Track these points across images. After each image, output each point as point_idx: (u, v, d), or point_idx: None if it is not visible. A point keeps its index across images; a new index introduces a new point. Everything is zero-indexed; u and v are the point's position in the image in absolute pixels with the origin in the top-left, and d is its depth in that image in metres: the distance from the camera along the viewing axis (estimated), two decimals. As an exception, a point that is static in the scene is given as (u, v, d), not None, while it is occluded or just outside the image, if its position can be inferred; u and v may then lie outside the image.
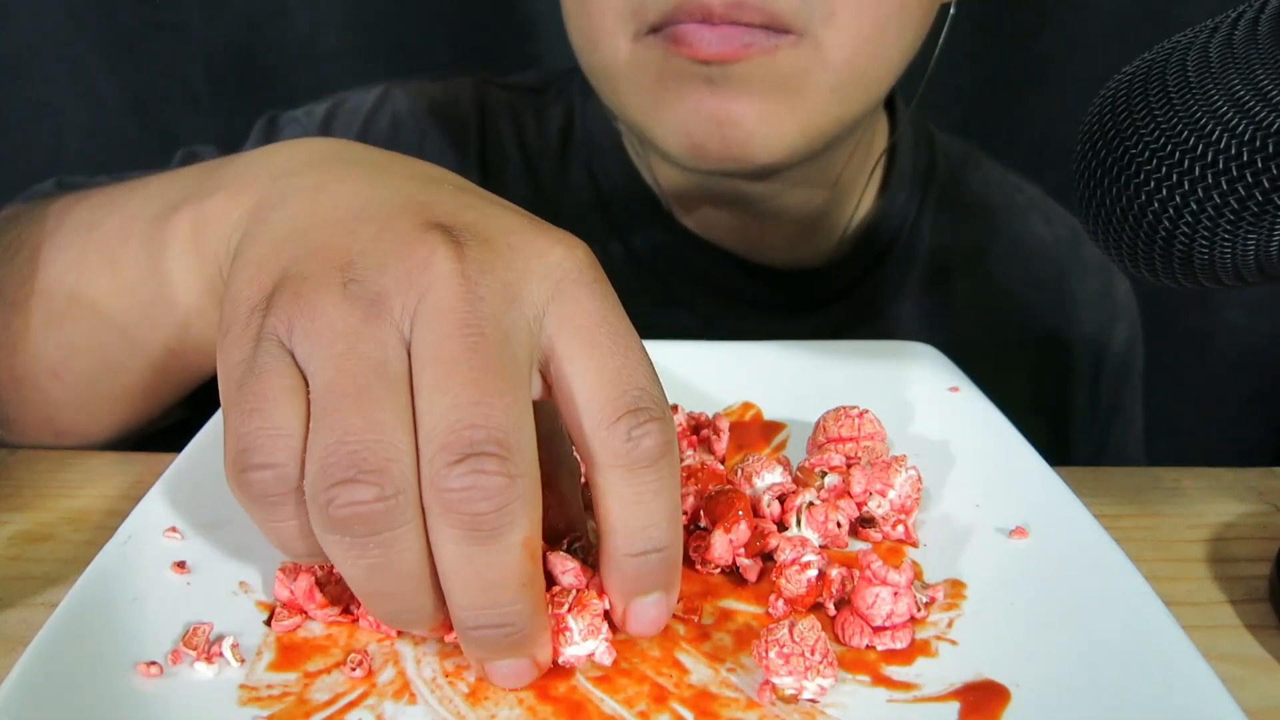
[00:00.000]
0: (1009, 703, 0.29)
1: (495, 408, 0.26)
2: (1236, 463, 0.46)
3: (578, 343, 0.29)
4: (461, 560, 0.26)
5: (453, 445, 0.26)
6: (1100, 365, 0.71)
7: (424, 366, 0.27)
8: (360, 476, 0.26)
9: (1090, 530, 0.35)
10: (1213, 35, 0.32)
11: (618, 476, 0.28)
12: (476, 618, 0.27)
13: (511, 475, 0.26)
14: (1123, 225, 0.34)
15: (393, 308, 0.28)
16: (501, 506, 0.26)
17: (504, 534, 0.26)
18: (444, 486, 0.26)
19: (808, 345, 0.49)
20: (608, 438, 0.28)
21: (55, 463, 0.44)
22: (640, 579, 0.29)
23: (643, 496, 0.28)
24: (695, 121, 0.49)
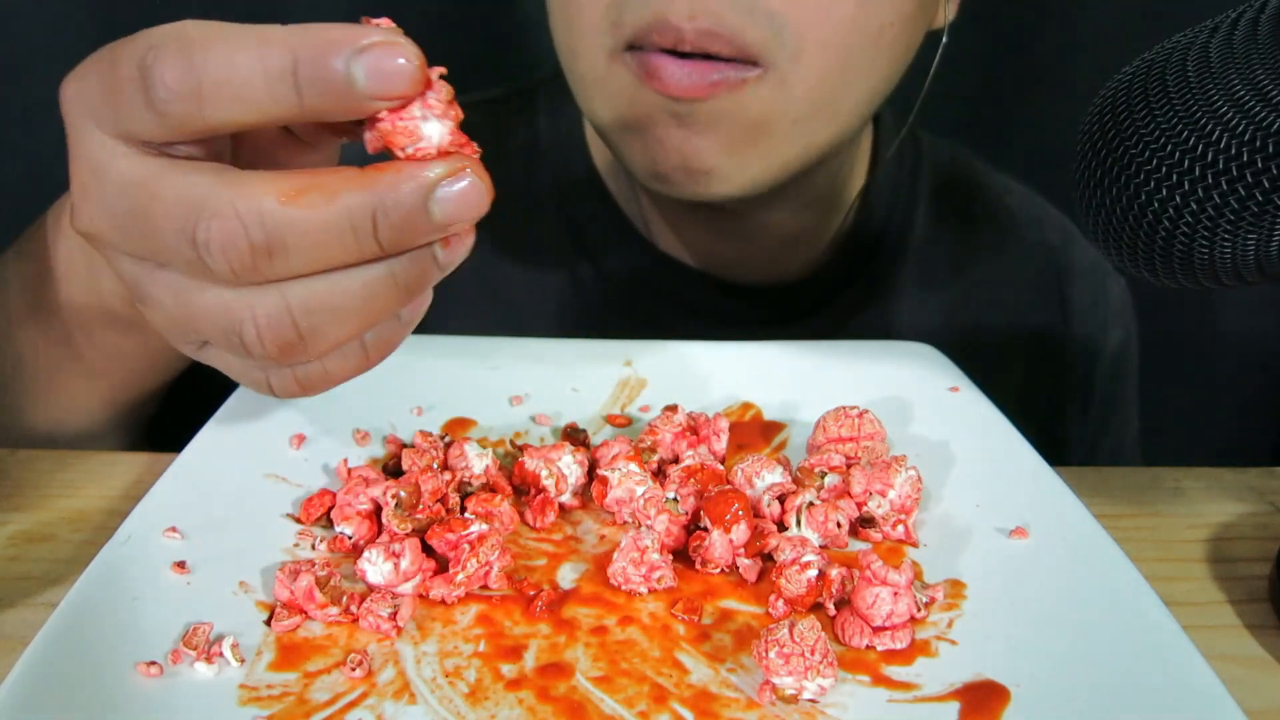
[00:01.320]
0: (1009, 703, 0.29)
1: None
2: (1236, 463, 0.46)
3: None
4: (304, 264, 0.28)
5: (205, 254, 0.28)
6: (1094, 368, 0.71)
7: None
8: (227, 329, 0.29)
9: (1090, 530, 0.35)
10: (1213, 35, 0.32)
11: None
12: (364, 242, 0.28)
13: (236, 227, 0.28)
14: (1123, 225, 0.34)
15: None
16: (251, 247, 0.28)
17: (283, 239, 0.28)
18: (219, 272, 0.28)
19: (808, 345, 0.49)
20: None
21: (55, 463, 0.44)
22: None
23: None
24: (660, 151, 0.50)
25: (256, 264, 0.28)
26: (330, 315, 0.30)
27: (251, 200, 0.28)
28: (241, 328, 0.29)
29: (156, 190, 0.28)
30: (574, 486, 0.39)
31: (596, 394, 0.47)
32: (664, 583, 0.34)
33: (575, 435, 0.44)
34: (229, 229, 0.27)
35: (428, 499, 0.36)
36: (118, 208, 0.29)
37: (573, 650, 0.31)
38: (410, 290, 0.31)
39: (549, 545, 0.37)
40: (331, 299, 0.29)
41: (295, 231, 0.28)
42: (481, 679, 0.30)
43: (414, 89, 0.28)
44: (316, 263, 0.29)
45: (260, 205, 0.28)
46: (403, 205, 0.28)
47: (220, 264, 0.28)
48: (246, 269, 0.28)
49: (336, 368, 0.33)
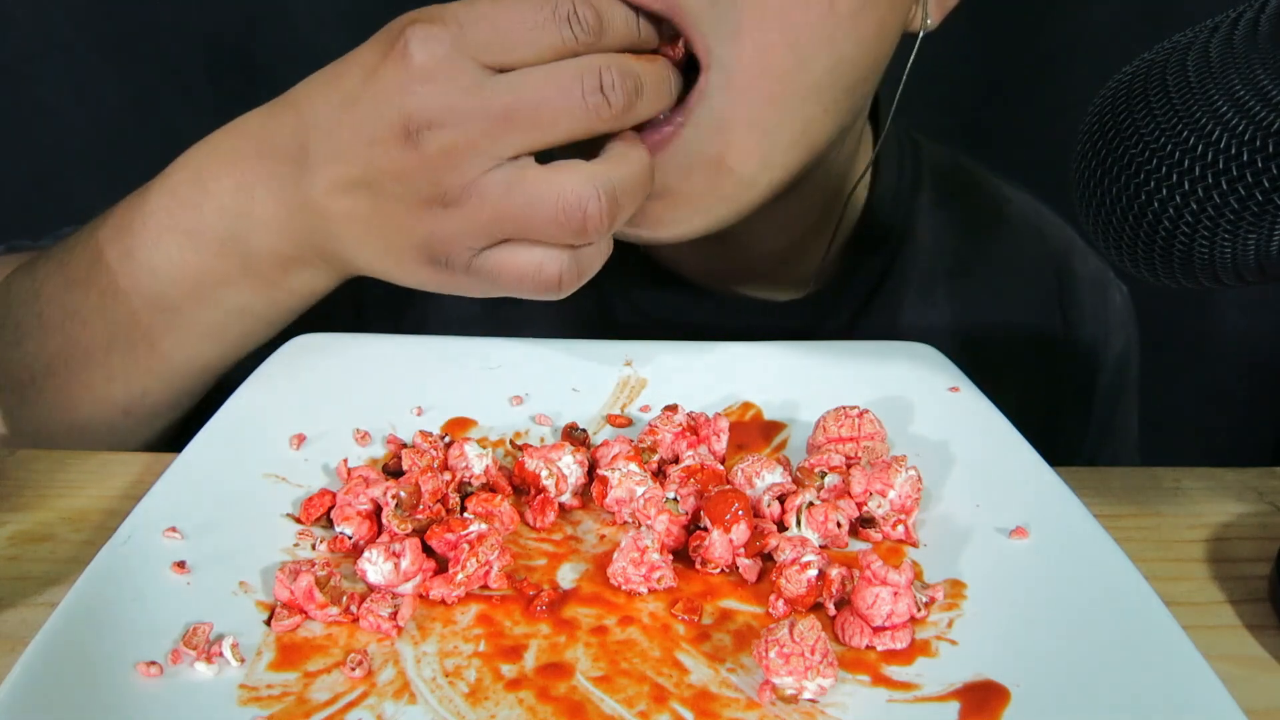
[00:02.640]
0: (1009, 703, 0.29)
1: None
2: (1236, 463, 0.46)
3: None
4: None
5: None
6: (1095, 377, 0.70)
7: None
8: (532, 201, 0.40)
9: (1090, 530, 0.35)
10: (1213, 35, 0.32)
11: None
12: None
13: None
14: (1123, 225, 0.34)
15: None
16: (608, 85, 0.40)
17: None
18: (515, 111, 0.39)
19: (808, 345, 0.49)
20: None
21: (55, 463, 0.44)
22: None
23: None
24: (634, 233, 0.48)
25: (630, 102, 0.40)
26: (628, 193, 0.40)
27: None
28: (587, 204, 0.39)
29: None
30: (574, 486, 0.39)
31: (596, 394, 0.47)
32: (664, 583, 0.34)
33: (575, 435, 0.44)
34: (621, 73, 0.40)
35: (428, 499, 0.36)
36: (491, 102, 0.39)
37: (573, 650, 0.31)
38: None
39: (549, 545, 0.37)
40: (633, 174, 0.40)
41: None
42: (481, 679, 0.30)
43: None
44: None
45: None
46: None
47: (617, 96, 0.40)
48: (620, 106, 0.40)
49: (599, 255, 0.42)
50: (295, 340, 0.48)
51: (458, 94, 0.39)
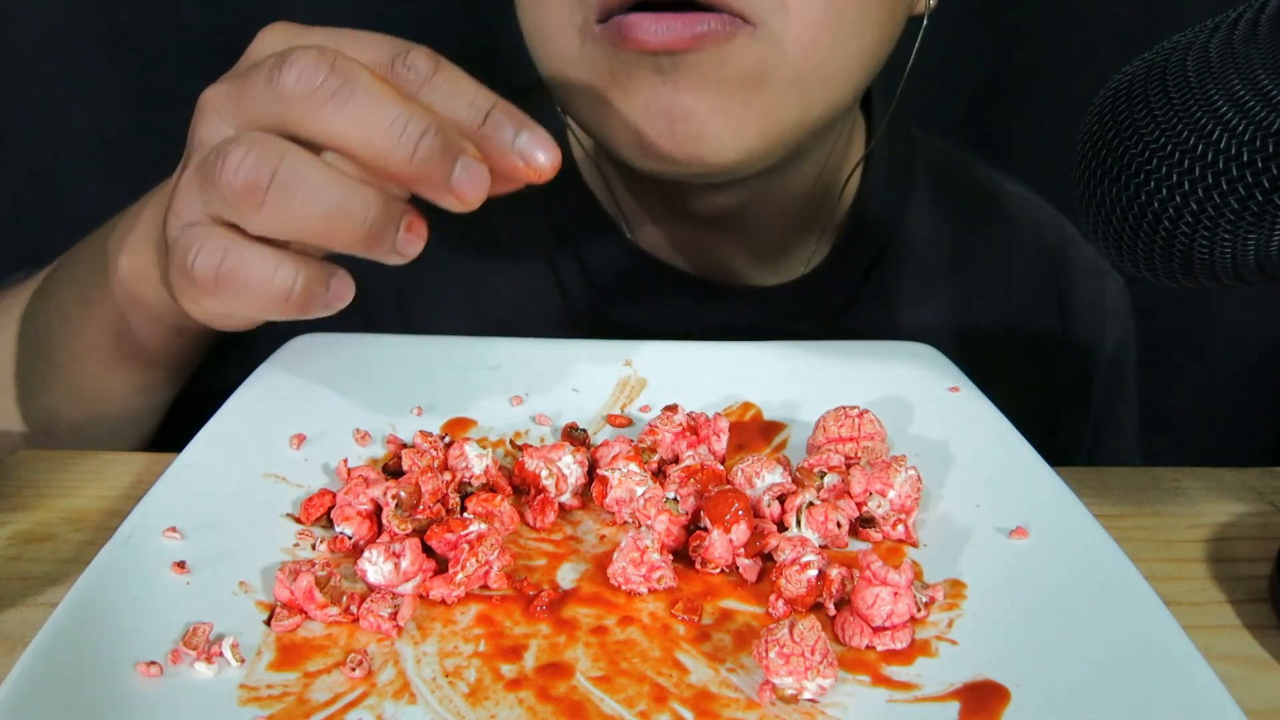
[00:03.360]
0: (1009, 703, 0.29)
1: (303, 52, 0.34)
2: (1236, 463, 0.46)
3: (353, 50, 0.36)
4: (350, 121, 0.33)
5: (271, 72, 0.33)
6: (1092, 367, 0.70)
7: (239, 116, 0.36)
8: (226, 153, 0.33)
9: (1090, 530, 0.35)
10: (1213, 35, 0.32)
11: (426, 94, 0.35)
12: (405, 141, 0.33)
13: (320, 51, 0.33)
14: (1123, 225, 0.34)
15: (203, 135, 0.37)
16: (331, 66, 0.33)
17: (355, 78, 0.33)
18: (282, 94, 0.33)
19: (808, 345, 0.49)
20: (398, 77, 0.35)
21: (55, 463, 0.44)
22: (501, 130, 0.35)
23: (452, 91, 0.36)
24: (645, 118, 0.46)
25: (323, 92, 0.33)
26: (305, 192, 0.33)
27: (352, 60, 0.34)
28: (233, 147, 0.33)
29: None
30: (574, 486, 0.39)
31: (596, 394, 0.47)
32: (664, 583, 0.34)
33: (575, 435, 0.44)
34: (314, 62, 0.33)
35: (428, 499, 0.36)
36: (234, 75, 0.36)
37: (573, 650, 0.31)
38: (366, 238, 0.34)
39: (549, 545, 0.37)
40: (318, 180, 0.33)
41: (364, 91, 0.33)
42: (481, 679, 0.30)
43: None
44: (352, 133, 0.33)
45: (362, 71, 0.33)
46: (447, 144, 0.33)
47: (290, 78, 0.33)
48: (303, 94, 0.33)
49: (258, 271, 0.35)
50: (295, 340, 0.48)
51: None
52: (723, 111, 0.46)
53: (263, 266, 0.34)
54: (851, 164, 0.63)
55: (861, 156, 0.63)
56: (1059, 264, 0.69)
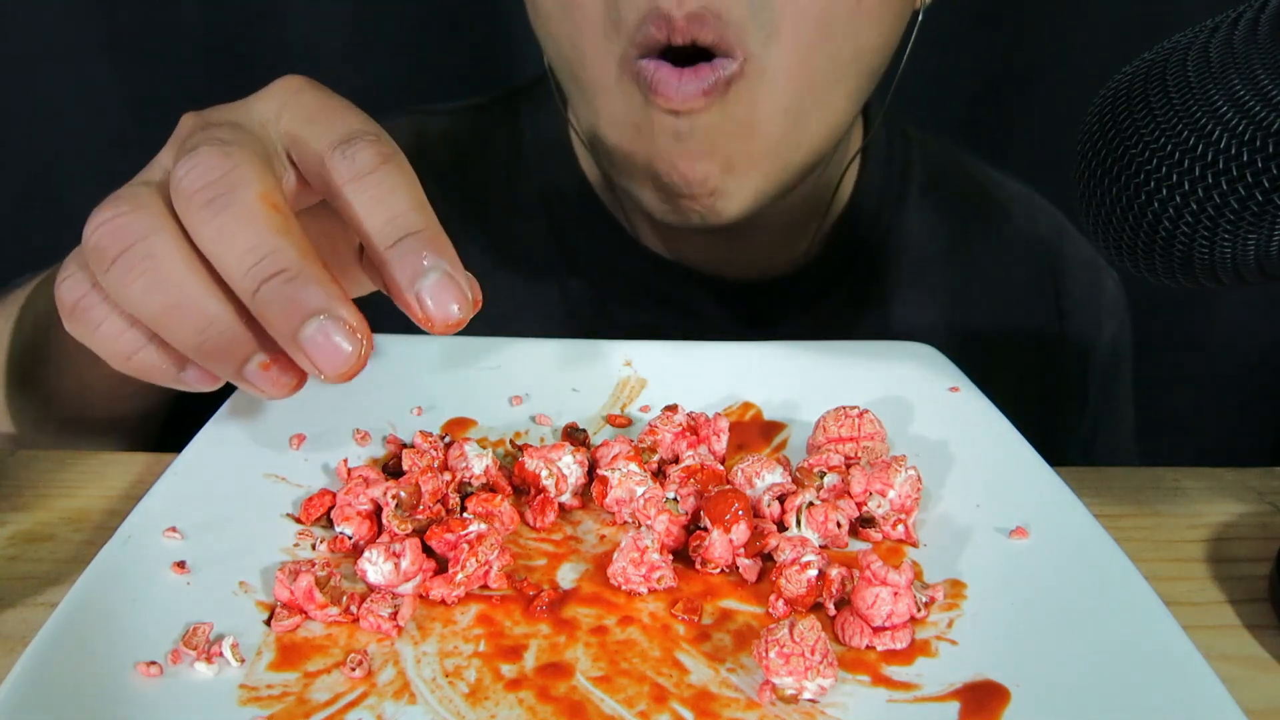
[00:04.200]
0: (1009, 703, 0.29)
1: (215, 145, 0.31)
2: (1236, 463, 0.46)
3: (303, 120, 0.34)
4: (215, 234, 0.30)
5: (181, 154, 0.31)
6: (1088, 362, 0.70)
7: (174, 170, 0.32)
8: (103, 207, 0.31)
9: (1090, 530, 0.35)
10: (1213, 35, 0.32)
11: (350, 191, 0.32)
12: (252, 276, 0.30)
13: (226, 153, 0.31)
14: (1123, 225, 0.34)
15: (160, 160, 0.35)
16: (224, 173, 0.30)
17: (237, 192, 0.30)
18: (175, 185, 0.31)
19: (808, 345, 0.49)
20: (329, 164, 0.32)
21: (55, 463, 0.44)
22: (407, 262, 0.31)
23: (378, 196, 0.32)
24: (669, 182, 0.51)
25: (202, 196, 0.30)
26: (148, 278, 0.31)
27: (248, 174, 0.31)
28: (107, 204, 0.32)
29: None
30: (574, 486, 0.39)
31: (596, 394, 0.47)
32: (664, 583, 0.34)
33: (575, 435, 0.44)
34: (213, 163, 0.31)
35: (428, 499, 0.36)
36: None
37: (573, 650, 0.31)
38: (198, 352, 0.32)
39: (549, 545, 0.37)
40: (166, 272, 0.31)
41: (238, 208, 0.30)
42: (481, 679, 0.30)
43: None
44: (210, 247, 0.31)
45: (250, 189, 0.30)
46: (298, 294, 0.30)
47: (182, 169, 0.31)
48: (187, 191, 0.31)
49: (105, 326, 0.33)
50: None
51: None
52: (730, 167, 0.50)
53: (109, 324, 0.33)
54: (849, 159, 0.63)
55: (856, 150, 0.63)
56: (1054, 260, 0.70)
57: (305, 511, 0.37)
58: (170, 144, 0.36)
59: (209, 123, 0.34)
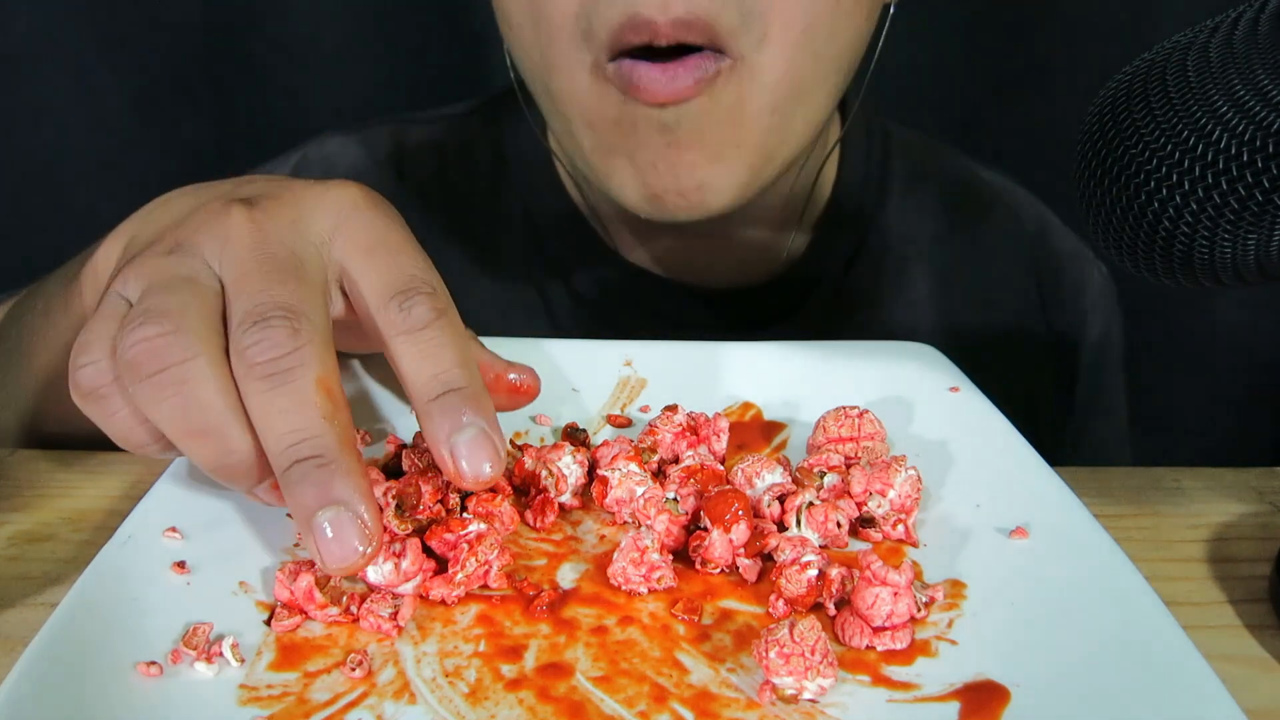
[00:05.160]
0: (1009, 703, 0.29)
1: (280, 291, 0.32)
2: (1236, 463, 0.46)
3: (359, 254, 0.35)
4: (265, 404, 0.31)
5: (246, 318, 0.31)
6: (1075, 357, 0.70)
7: (228, 285, 0.33)
8: (145, 321, 0.31)
9: (1090, 530, 0.35)
10: (1213, 35, 0.32)
11: (400, 343, 0.33)
12: (288, 454, 0.30)
13: (296, 329, 0.31)
14: (1123, 225, 0.34)
15: (202, 252, 0.34)
16: (289, 351, 0.31)
17: (296, 374, 0.31)
18: (240, 348, 0.31)
19: (808, 345, 0.49)
20: (384, 314, 0.33)
21: (55, 463, 0.44)
22: (446, 417, 0.32)
23: (427, 352, 0.33)
24: (653, 176, 0.50)
25: (264, 369, 0.31)
26: (176, 402, 0.31)
27: (311, 357, 0.31)
28: (153, 320, 0.31)
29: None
30: (574, 486, 0.39)
31: (596, 394, 0.47)
32: (664, 583, 0.34)
33: (575, 435, 0.44)
34: (281, 339, 0.31)
35: (428, 499, 0.36)
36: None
37: (573, 650, 0.31)
38: (216, 472, 0.32)
39: (549, 545, 0.37)
40: (198, 402, 0.31)
41: (290, 391, 0.31)
42: (481, 679, 0.30)
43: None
44: (256, 412, 0.31)
45: (310, 374, 0.31)
46: (323, 483, 0.30)
47: (251, 345, 0.31)
48: (254, 364, 0.31)
49: (120, 426, 0.33)
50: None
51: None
52: (717, 157, 0.50)
53: (124, 416, 0.33)
54: (829, 159, 0.63)
55: (834, 144, 0.63)
56: (1038, 254, 0.69)
57: (305, 511, 0.37)
58: (211, 230, 0.34)
59: (267, 244, 0.33)
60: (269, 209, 0.35)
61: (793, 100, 0.50)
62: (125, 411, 0.32)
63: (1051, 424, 0.70)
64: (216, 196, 0.36)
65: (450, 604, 0.33)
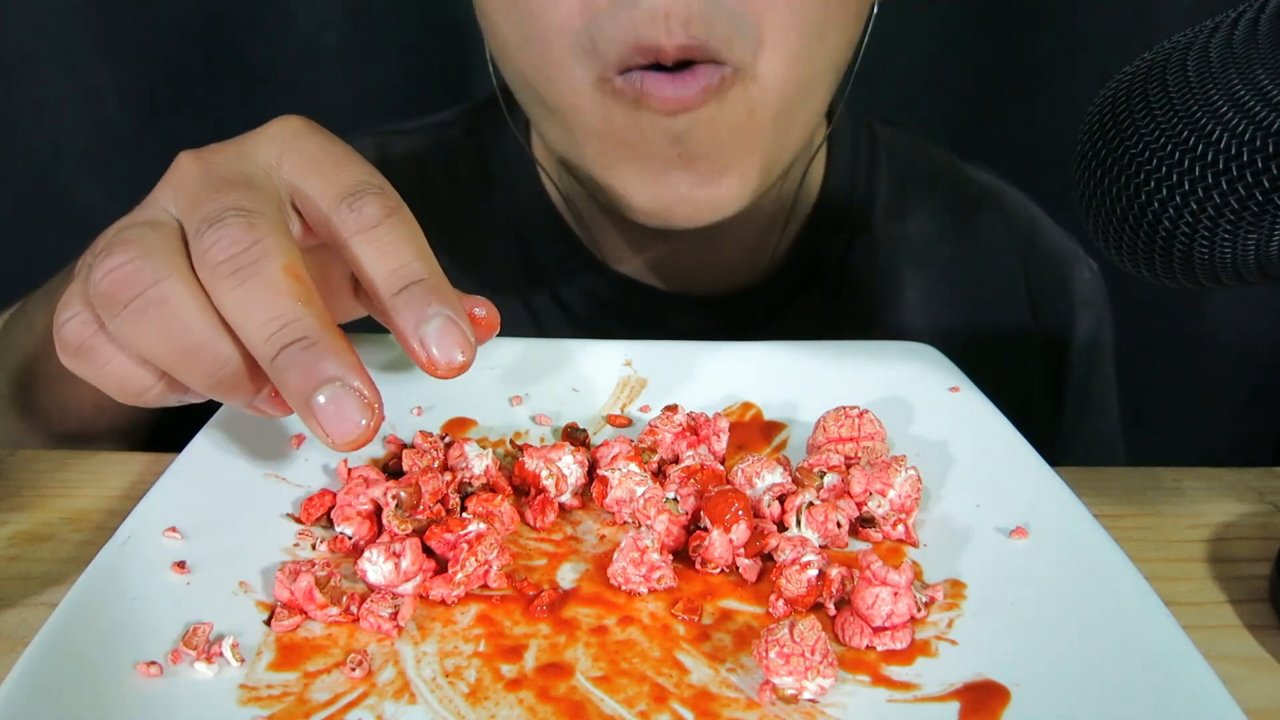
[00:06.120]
0: (1009, 703, 0.29)
1: (231, 198, 0.32)
2: (1236, 463, 0.46)
3: (306, 170, 0.35)
4: (237, 300, 0.31)
5: (202, 225, 0.32)
6: (1064, 355, 0.70)
7: (182, 215, 0.33)
8: (110, 251, 0.31)
9: (1090, 530, 0.35)
10: (1213, 35, 0.32)
11: (357, 243, 0.33)
12: (272, 342, 0.30)
13: (252, 224, 0.31)
14: (1123, 225, 0.34)
15: (158, 200, 0.35)
16: (250, 245, 0.31)
17: (262, 265, 0.31)
18: (201, 252, 0.31)
19: (808, 345, 0.49)
20: (336, 217, 0.34)
21: (55, 463, 0.44)
22: (412, 309, 0.32)
23: (384, 248, 0.33)
24: (663, 186, 0.50)
25: (228, 266, 0.31)
26: (160, 324, 0.31)
27: (273, 246, 0.31)
28: (118, 248, 0.32)
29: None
30: (574, 486, 0.39)
31: (596, 394, 0.47)
32: (664, 583, 0.34)
33: (575, 435, 0.44)
34: (239, 235, 0.31)
35: (428, 499, 0.36)
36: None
37: (573, 650, 0.31)
38: (213, 389, 0.33)
39: (549, 545, 0.37)
40: (178, 317, 0.31)
41: (263, 281, 0.31)
42: (481, 679, 0.30)
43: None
44: (232, 313, 0.31)
45: (275, 261, 0.31)
46: (312, 362, 0.31)
47: (209, 238, 0.31)
48: (213, 260, 0.31)
49: (114, 375, 0.34)
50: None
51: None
52: (726, 168, 0.50)
53: (116, 363, 0.33)
54: (816, 161, 0.63)
55: (819, 144, 0.63)
56: (1028, 252, 0.69)
57: (305, 511, 0.37)
58: (165, 183, 0.35)
59: (214, 172, 0.34)
60: (215, 148, 0.36)
61: (796, 104, 0.50)
62: (117, 359, 0.33)
63: (1043, 421, 0.70)
64: (181, 160, 0.37)
65: (450, 604, 0.33)
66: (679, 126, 0.48)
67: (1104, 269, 0.72)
